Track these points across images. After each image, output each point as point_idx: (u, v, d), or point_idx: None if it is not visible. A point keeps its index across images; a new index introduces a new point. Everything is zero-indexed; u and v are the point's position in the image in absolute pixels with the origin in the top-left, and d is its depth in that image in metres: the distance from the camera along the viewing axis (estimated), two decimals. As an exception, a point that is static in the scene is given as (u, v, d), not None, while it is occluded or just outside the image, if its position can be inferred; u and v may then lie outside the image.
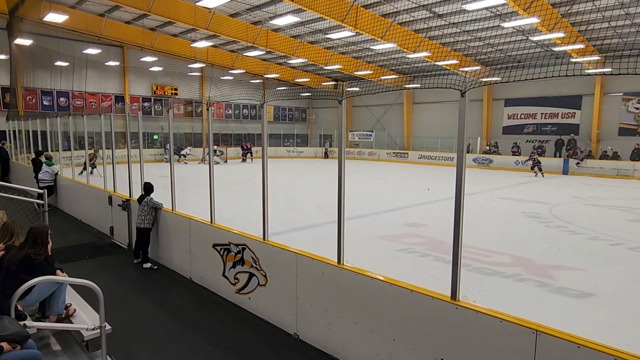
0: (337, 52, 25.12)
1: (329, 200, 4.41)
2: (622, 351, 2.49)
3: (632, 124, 22.13)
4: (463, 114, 3.08)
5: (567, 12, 16.14)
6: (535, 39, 18.41)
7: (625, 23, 16.99)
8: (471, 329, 3.11)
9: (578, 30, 18.07)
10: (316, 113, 38.13)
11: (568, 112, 24.23)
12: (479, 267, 6.51)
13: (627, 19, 16.35)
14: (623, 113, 22.36)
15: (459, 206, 3.17)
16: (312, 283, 4.35)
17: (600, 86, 22.62)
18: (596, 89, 22.75)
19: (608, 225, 9.65)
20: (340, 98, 3.84)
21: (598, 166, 21.40)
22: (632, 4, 14.69)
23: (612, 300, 5.35)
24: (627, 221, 10.27)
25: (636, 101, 21.89)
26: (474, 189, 15.15)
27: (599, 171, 21.05)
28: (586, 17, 16.77)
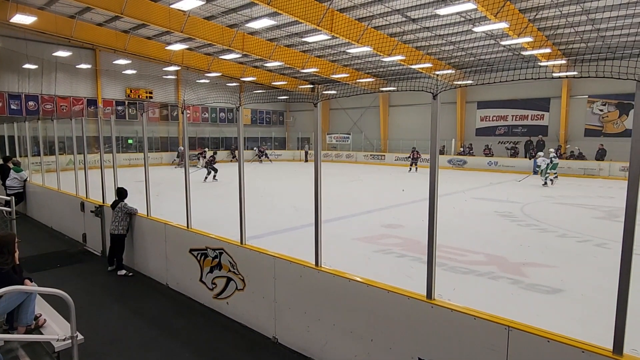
0: (313, 55, 25.23)
1: (307, 203, 4.44)
2: (589, 344, 2.60)
3: (597, 125, 23.10)
4: (435, 115, 3.16)
5: (535, 17, 16.72)
6: (504, 44, 18.99)
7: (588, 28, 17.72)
8: (446, 327, 3.18)
9: (545, 35, 18.73)
10: (294, 116, 38.14)
11: (537, 114, 25.09)
12: (454, 266, 6.65)
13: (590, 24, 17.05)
14: (588, 115, 23.31)
15: (432, 207, 3.25)
16: (291, 286, 4.36)
17: (567, 89, 23.51)
18: (563, 92, 23.64)
19: (576, 223, 10.02)
20: (315, 101, 3.88)
21: (566, 166, 22.15)
22: (595, 10, 15.34)
23: (580, 295, 5.55)
24: (593, 219, 10.68)
25: (600, 103, 22.84)
26: (449, 190, 15.46)
27: (567, 171, 21.80)
28: (552, 23, 17.40)
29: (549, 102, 24.56)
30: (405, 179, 20.08)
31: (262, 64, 27.55)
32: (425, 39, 20.72)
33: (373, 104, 32.49)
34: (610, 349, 2.51)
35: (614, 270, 2.51)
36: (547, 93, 24.42)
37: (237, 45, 21.74)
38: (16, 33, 21.13)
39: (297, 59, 24.76)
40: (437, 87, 3.08)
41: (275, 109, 37.58)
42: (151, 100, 28.41)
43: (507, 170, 23.07)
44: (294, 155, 34.28)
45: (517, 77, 3.23)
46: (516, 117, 25.88)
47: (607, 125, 22.77)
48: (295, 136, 36.48)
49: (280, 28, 20.33)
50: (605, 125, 22.83)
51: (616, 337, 2.50)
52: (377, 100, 31.97)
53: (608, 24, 16.91)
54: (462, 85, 3.57)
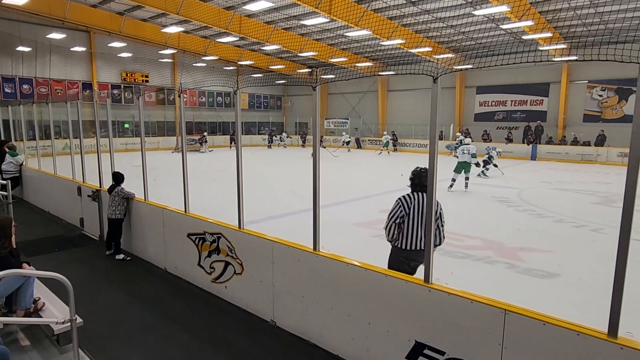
0: (311, 38, 24.92)
1: (305, 188, 4.42)
2: (584, 327, 2.62)
3: (596, 110, 23.02)
4: (435, 99, 3.13)
5: (536, 0, 16.49)
6: (505, 27, 18.77)
7: (590, 12, 17.50)
8: (443, 311, 3.20)
9: (546, 18, 18.51)
10: (291, 100, 37.88)
11: (536, 99, 24.97)
12: (452, 251, 6.68)
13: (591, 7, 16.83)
14: (587, 100, 23.21)
15: (431, 192, 3.24)
16: (289, 270, 4.37)
17: (567, 74, 23.36)
18: (563, 77, 23.48)
19: (573, 208, 10.06)
20: (314, 84, 3.83)
21: (564, 151, 22.19)
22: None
23: (576, 279, 5.60)
24: (590, 204, 10.73)
25: (600, 88, 22.72)
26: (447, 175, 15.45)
27: (565, 156, 21.85)
28: (553, 6, 17.18)
29: (549, 87, 24.43)
30: (403, 164, 20.07)
31: (259, 47, 27.23)
32: (424, 22, 20.46)
33: (371, 88, 32.26)
34: (605, 332, 2.53)
35: (609, 255, 2.52)
36: (546, 78, 24.26)
37: (234, 28, 21.44)
38: (9, 14, 20.76)
39: (295, 43, 24.46)
40: (437, 71, 3.04)
41: (273, 94, 37.31)
42: (147, 84, 28.13)
43: (505, 156, 23.03)
44: (292, 140, 34.16)
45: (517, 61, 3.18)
46: (515, 103, 25.77)
47: (606, 111, 22.70)
48: (293, 121, 36.32)
49: (278, 10, 20.03)
50: (604, 111, 22.76)
51: (611, 320, 2.52)
52: (376, 85, 31.73)
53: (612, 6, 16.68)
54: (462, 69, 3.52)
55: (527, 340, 2.80)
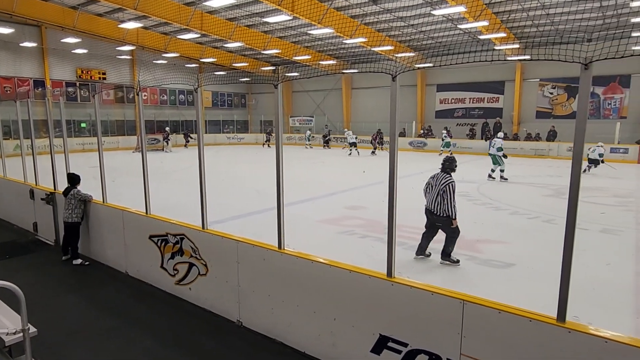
0: (275, 36, 24.77)
1: (269, 187, 4.41)
2: (536, 313, 2.77)
3: (547, 107, 24.30)
4: (394, 97, 3.20)
5: (491, 2, 17.13)
6: (462, 27, 19.38)
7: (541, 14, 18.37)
8: (406, 303, 3.30)
9: (500, 19, 19.27)
10: (256, 98, 37.50)
11: (493, 97, 26.04)
12: (414, 245, 6.84)
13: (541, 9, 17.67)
14: (539, 97, 24.45)
15: (392, 188, 3.31)
16: (254, 269, 4.36)
17: (520, 72, 24.47)
18: (516, 75, 24.59)
19: (527, 201, 10.56)
20: (276, 82, 3.83)
21: (519, 147, 23.23)
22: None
23: (530, 268, 5.89)
24: (542, 196, 11.29)
25: (550, 86, 23.97)
26: (410, 171, 15.81)
27: (520, 151, 22.87)
28: (507, 8, 17.92)
29: (504, 86, 25.51)
30: (366, 161, 20.34)
31: (222, 44, 26.76)
32: (386, 21, 20.80)
33: (336, 86, 32.45)
34: (555, 317, 2.69)
35: (560, 245, 2.67)
36: (501, 76, 25.31)
37: (196, 24, 20.98)
38: (-51, 7, 19.41)
39: (258, 40, 24.23)
40: (396, 69, 3.12)
41: (237, 91, 36.79)
42: (104, 81, 27.04)
43: (465, 151, 23.84)
44: (256, 138, 33.80)
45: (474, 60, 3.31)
46: (473, 100, 26.73)
47: (556, 108, 23.99)
48: (257, 119, 35.97)
49: (241, 7, 19.77)
50: (554, 108, 24.05)
51: (560, 306, 2.68)
52: (340, 83, 31.95)
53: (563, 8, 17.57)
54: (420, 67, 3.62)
55: (484, 329, 2.93)
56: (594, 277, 5.41)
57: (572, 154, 2.69)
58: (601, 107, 22.66)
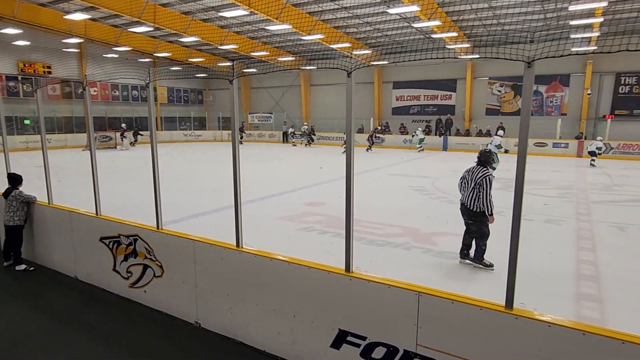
0: (232, 31, 24.32)
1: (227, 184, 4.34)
2: (486, 301, 2.90)
3: (496, 104, 25.55)
4: (350, 93, 3.23)
5: (443, 2, 17.67)
6: (416, 26, 19.89)
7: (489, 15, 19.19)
8: (364, 297, 3.35)
9: (451, 19, 19.95)
10: (213, 95, 36.71)
11: (446, 94, 27.03)
12: (373, 239, 6.99)
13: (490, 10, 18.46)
14: (489, 95, 25.64)
15: (349, 184, 3.35)
16: (212, 269, 4.28)
17: (471, 71, 25.52)
18: (467, 74, 25.62)
19: (479, 195, 11.01)
20: (231, 78, 3.76)
21: (471, 142, 24.23)
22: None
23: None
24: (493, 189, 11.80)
25: (499, 85, 25.20)
26: (368, 167, 16.10)
27: (471, 147, 23.85)
28: (458, 8, 18.57)
29: (456, 83, 26.50)
30: (322, 157, 20.46)
31: (177, 38, 25.96)
32: (343, 19, 20.96)
33: (294, 83, 32.38)
34: (503, 305, 2.83)
35: (508, 235, 2.80)
36: (454, 75, 26.26)
37: (148, 17, 20.20)
38: None
39: (214, 35, 23.69)
40: (351, 65, 3.15)
41: (193, 87, 35.85)
42: (50, 75, 25.47)
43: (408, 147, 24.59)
44: (214, 135, 33.13)
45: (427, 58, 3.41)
46: (428, 97, 27.61)
47: (504, 105, 25.27)
48: (215, 116, 35.23)
49: (195, 1, 19.24)
50: (502, 105, 25.32)
51: (508, 294, 2.82)
52: (299, 80, 31.91)
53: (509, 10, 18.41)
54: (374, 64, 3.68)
55: (438, 318, 3.04)
56: (538, 266, 5.73)
57: (518, 149, 2.83)
58: (544, 104, 24.06)
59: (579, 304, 4.74)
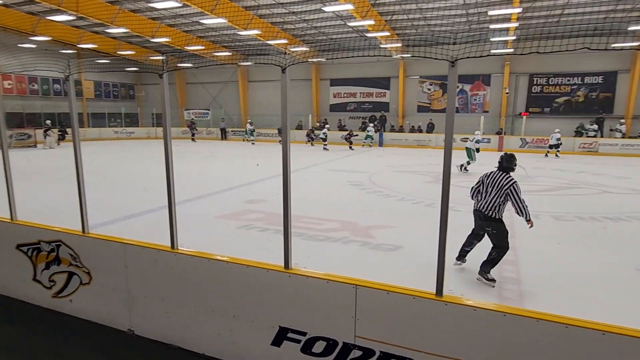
0: (164, 24, 23.23)
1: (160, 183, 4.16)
2: (418, 290, 3.04)
3: (426, 102, 26.92)
4: (285, 89, 3.23)
5: (376, 2, 18.20)
6: (351, 25, 20.31)
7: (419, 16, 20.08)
8: (303, 293, 3.38)
9: (384, 19, 20.62)
10: (146, 90, 34.87)
11: (380, 92, 28.01)
12: (313, 235, 7.07)
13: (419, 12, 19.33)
14: (419, 93, 26.96)
15: (286, 180, 3.36)
16: (145, 273, 4.08)
17: (403, 70, 26.64)
18: (400, 72, 26.71)
19: (411, 188, 11.55)
20: (160, 72, 3.60)
21: (404, 138, 25.33)
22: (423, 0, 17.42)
23: (415, 249, 6.45)
24: (425, 183, 12.47)
25: (428, 83, 26.56)
26: (307, 163, 16.23)
27: (405, 142, 24.98)
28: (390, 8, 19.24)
29: (389, 81, 27.50)
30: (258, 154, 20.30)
31: (103, 29, 24.28)
32: (280, 15, 20.86)
33: (232, 78, 31.71)
34: (434, 293, 3.00)
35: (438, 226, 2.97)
36: (387, 73, 27.25)
37: (70, 5, 18.68)
38: None
39: (145, 27, 22.47)
40: (285, 62, 3.15)
41: (124, 82, 33.81)
42: (-50, 66, 22.71)
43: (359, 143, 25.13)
44: (148, 132, 31.49)
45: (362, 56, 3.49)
46: (363, 95, 28.43)
47: (433, 103, 26.73)
48: (149, 112, 33.52)
49: (122, -10, 18.14)
50: (432, 103, 26.77)
51: (438, 282, 2.99)
52: (236, 75, 31.29)
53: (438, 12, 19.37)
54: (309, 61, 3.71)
55: (375, 310, 3.14)
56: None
57: (444, 144, 2.99)
58: (469, 102, 25.80)
59: (501, 286, 5.14)
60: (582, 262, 5.96)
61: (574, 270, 4.86)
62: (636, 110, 22.45)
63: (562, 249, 6.57)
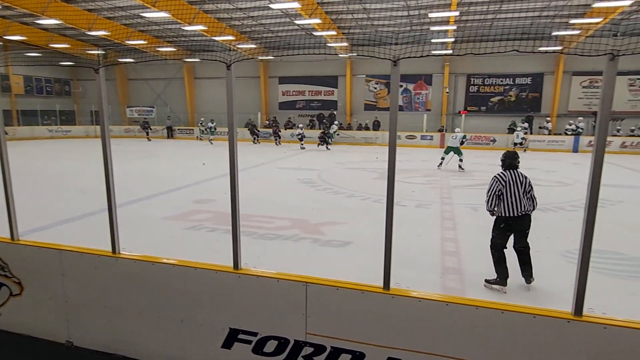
0: (102, 16, 21.94)
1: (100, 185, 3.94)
2: (367, 285, 3.12)
3: (372, 100, 27.61)
4: (230, 86, 3.18)
5: (322, 1, 18.34)
6: (298, 23, 20.33)
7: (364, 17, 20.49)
8: (254, 293, 3.35)
9: (331, 18, 20.84)
10: (83, 86, 32.78)
11: (328, 90, 28.40)
12: (263, 233, 7.02)
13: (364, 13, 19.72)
14: (366, 92, 27.61)
15: (233, 179, 3.31)
16: (84, 280, 3.86)
17: (350, 69, 27.14)
18: (347, 71, 27.19)
19: (360, 184, 11.78)
20: (96, 66, 3.41)
21: (352, 136, 25.81)
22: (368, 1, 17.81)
23: (363, 245, 6.59)
24: (372, 179, 12.79)
25: (374, 82, 27.25)
26: (257, 161, 16.08)
27: (353, 140, 25.44)
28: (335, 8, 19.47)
29: (337, 80, 27.89)
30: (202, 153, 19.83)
31: (33, 20, 22.49)
32: (226, 11, 20.44)
33: (177, 75, 30.63)
34: (381, 286, 3.09)
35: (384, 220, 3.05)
36: (335, 71, 27.61)
37: (-9, -7, 17.15)
38: None
39: (81, 19, 21.08)
40: (230, 58, 3.10)
41: (58, 77, 31.57)
42: None
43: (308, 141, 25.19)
44: (86, 131, 29.59)
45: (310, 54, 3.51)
46: (312, 93, 28.64)
47: (379, 101, 27.50)
48: (87, 109, 31.48)
49: (53, -22, 16.92)
50: (378, 101, 27.51)
51: (385, 276, 3.08)
52: (182, 72, 30.27)
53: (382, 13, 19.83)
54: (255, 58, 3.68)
55: (325, 306, 3.18)
56: (410, 247, 6.36)
57: (388, 141, 3.09)
58: (412, 101, 26.80)
59: (444, 277, 5.39)
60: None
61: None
62: (560, 109, 24.47)
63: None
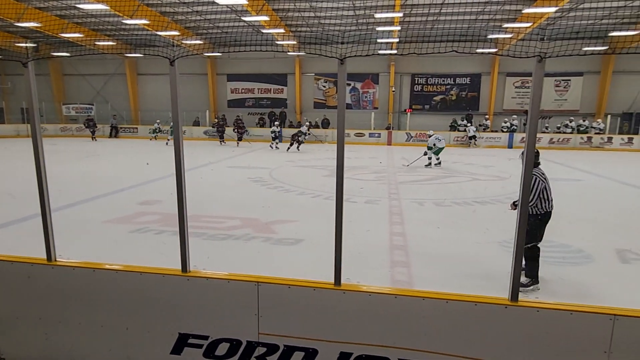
0: (32, 6, 20.32)
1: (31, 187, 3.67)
2: (318, 282, 3.14)
3: (322, 99, 27.87)
4: (174, 83, 3.07)
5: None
6: (246, 20, 20.02)
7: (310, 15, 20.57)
8: (204, 296, 3.26)
9: (278, 16, 20.72)
10: (12, 81, 30.19)
11: (278, 88, 28.28)
12: (214, 234, 6.87)
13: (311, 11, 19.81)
14: (315, 90, 27.79)
15: (180, 179, 3.20)
16: (16, 291, 3.58)
17: (299, 67, 27.15)
18: (296, 69, 27.18)
19: (311, 182, 11.85)
20: (24, 60, 3.17)
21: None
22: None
23: (315, 242, 6.63)
24: (323, 177, 12.91)
25: (323, 80, 27.53)
26: (205, 161, 15.68)
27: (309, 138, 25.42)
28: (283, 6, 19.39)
29: (287, 78, 27.83)
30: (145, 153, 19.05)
31: (-53, 9, 20.40)
32: (170, 5, 19.71)
33: (118, 71, 29.10)
34: (333, 282, 3.12)
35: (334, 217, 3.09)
36: (284, 69, 27.52)
37: None
38: None
39: (8, 9, 19.40)
40: (173, 54, 3.00)
41: (-21, 72, 28.89)
42: None
43: (257, 139, 25.03)
44: (17, 130, 27.27)
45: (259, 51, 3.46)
46: (261, 90, 28.37)
47: (329, 99, 27.84)
48: (17, 106, 29.04)
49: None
50: (327, 99, 27.83)
51: (336, 272, 3.12)
52: (123, 67, 28.79)
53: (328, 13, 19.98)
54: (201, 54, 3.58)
55: (277, 305, 3.17)
56: (360, 242, 6.48)
57: (337, 139, 3.13)
58: (360, 99, 27.36)
59: (393, 270, 5.56)
60: (457, 243, 6.71)
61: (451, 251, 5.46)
62: (496, 108, 26.09)
63: (442, 232, 7.30)
